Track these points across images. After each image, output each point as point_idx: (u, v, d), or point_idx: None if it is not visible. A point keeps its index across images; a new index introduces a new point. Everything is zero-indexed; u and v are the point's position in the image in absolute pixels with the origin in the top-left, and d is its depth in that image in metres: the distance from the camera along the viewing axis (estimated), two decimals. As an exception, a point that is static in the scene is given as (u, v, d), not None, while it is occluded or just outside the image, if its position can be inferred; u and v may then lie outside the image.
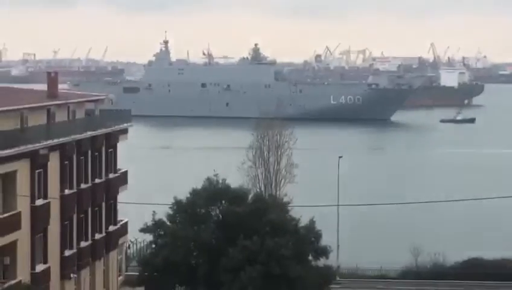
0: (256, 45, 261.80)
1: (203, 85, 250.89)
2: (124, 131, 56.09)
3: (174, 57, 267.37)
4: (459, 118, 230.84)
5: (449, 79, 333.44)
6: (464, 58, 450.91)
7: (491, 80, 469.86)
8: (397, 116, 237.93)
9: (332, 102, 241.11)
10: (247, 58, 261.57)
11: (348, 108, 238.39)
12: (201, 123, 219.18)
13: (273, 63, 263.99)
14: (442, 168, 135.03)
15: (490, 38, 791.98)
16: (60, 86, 53.08)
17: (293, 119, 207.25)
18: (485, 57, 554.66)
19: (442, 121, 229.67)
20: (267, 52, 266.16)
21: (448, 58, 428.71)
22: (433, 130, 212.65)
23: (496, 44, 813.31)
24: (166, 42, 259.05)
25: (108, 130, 52.62)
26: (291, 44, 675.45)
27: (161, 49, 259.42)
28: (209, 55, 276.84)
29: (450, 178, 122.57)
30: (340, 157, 70.05)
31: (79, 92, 64.08)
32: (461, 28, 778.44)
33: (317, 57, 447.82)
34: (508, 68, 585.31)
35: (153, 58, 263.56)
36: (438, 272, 63.77)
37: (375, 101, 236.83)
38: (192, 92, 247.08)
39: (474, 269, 62.52)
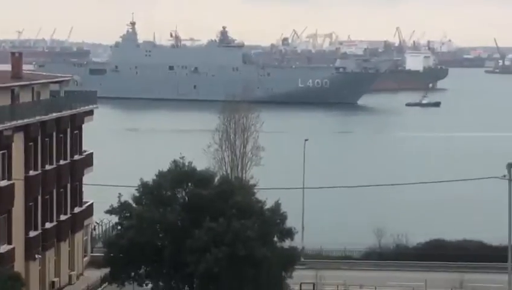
0: (224, 27, 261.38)
1: (171, 67, 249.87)
2: (90, 113, 55.90)
3: (141, 39, 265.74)
4: (424, 101, 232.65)
5: (414, 63, 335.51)
6: (429, 42, 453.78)
7: (456, 64, 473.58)
8: (364, 100, 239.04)
9: (300, 85, 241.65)
10: (215, 40, 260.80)
11: (315, 91, 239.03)
12: (169, 105, 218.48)
13: (241, 46, 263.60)
14: (407, 152, 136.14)
15: (455, 22, 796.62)
16: (25, 67, 52.75)
17: (261, 102, 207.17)
18: (449, 40, 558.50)
19: (408, 104, 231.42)
20: (235, 35, 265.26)
21: (414, 42, 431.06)
22: (399, 113, 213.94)
23: (461, 29, 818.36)
24: (133, 24, 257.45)
25: (74, 111, 52.40)
26: (259, 27, 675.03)
27: (128, 31, 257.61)
28: (177, 38, 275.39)
29: (413, 161, 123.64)
30: (305, 140, 70.39)
31: (44, 73, 63.66)
32: (427, 12, 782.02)
33: (284, 40, 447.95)
34: (472, 52, 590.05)
35: (120, 40, 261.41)
36: (401, 253, 64.60)
37: (342, 84, 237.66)
38: (160, 75, 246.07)
39: (436, 250, 63.42)
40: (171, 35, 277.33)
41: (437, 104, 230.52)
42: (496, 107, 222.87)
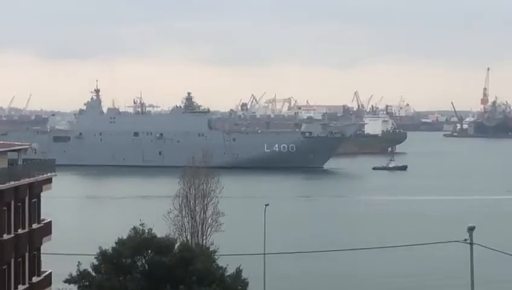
0: (189, 93, 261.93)
1: (136, 134, 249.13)
2: (48, 181, 55.39)
3: (104, 106, 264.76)
4: (391, 165, 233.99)
5: (373, 127, 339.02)
6: (387, 106, 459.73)
7: (414, 127, 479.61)
8: (329, 164, 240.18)
9: (266, 150, 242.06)
10: (180, 106, 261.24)
11: (281, 156, 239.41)
12: (134, 172, 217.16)
13: (206, 111, 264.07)
14: (372, 215, 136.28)
15: (413, 87, 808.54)
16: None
17: (227, 168, 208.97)
18: (407, 105, 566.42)
19: (375, 168, 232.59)
20: (199, 101, 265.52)
21: (372, 106, 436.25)
22: (365, 177, 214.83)
23: (419, 93, 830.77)
24: (97, 91, 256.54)
25: (32, 179, 51.91)
26: (218, 93, 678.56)
27: (92, 98, 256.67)
28: (142, 104, 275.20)
29: (378, 225, 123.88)
30: (266, 205, 70.23)
31: (1, 142, 63.11)
32: (384, 77, 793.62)
33: (243, 105, 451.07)
34: (430, 116, 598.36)
35: (84, 107, 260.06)
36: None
37: (308, 149, 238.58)
38: (125, 141, 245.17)
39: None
40: (134, 102, 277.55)
41: (404, 168, 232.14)
42: (459, 170, 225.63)
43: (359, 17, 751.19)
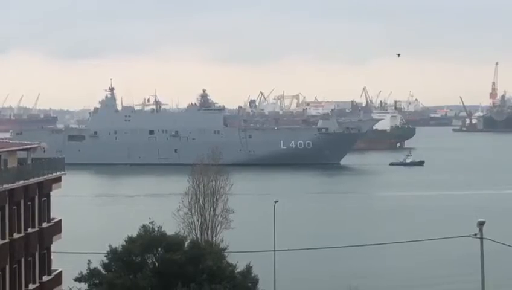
0: (204, 90, 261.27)
1: (151, 132, 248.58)
2: (58, 179, 55.46)
3: (119, 104, 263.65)
4: (408, 160, 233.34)
5: (381, 123, 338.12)
6: (395, 101, 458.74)
7: (423, 123, 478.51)
8: (344, 160, 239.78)
9: (282, 147, 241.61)
10: (195, 104, 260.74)
11: (298, 153, 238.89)
12: (149, 170, 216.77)
13: (221, 109, 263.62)
14: (389, 211, 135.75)
15: (422, 82, 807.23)
16: (3, 135, 52.45)
17: (242, 164, 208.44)
18: (416, 100, 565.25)
19: (392, 164, 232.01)
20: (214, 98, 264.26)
21: (381, 102, 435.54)
22: (385, 173, 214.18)
23: (428, 88, 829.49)
24: (112, 89, 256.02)
25: (41, 179, 51.97)
26: (226, 90, 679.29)
27: (107, 96, 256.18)
28: (157, 102, 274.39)
29: (393, 220, 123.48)
30: (275, 201, 70.14)
31: (11, 141, 63.20)
32: (393, 72, 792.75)
33: (252, 102, 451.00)
34: (439, 111, 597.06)
35: (99, 106, 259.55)
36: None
37: (325, 145, 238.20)
38: (140, 139, 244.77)
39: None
40: (148, 100, 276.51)
41: (421, 163, 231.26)
42: (475, 164, 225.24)
43: (368, 13, 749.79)
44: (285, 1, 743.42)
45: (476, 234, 45.44)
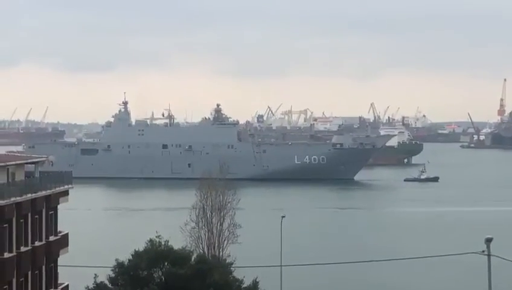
0: (218, 105, 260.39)
1: (164, 146, 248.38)
2: (65, 193, 55.53)
3: (132, 118, 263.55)
4: (423, 177, 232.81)
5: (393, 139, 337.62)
6: (403, 117, 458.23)
7: (430, 139, 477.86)
8: (358, 176, 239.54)
9: (296, 162, 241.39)
10: (208, 118, 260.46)
11: (312, 168, 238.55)
12: (162, 184, 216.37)
13: (235, 123, 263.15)
14: (400, 226, 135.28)
15: (430, 98, 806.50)
16: (15, 148, 52.60)
17: (256, 179, 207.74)
18: (424, 116, 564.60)
19: (407, 179, 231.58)
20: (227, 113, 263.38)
21: (388, 118, 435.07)
22: (400, 188, 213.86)
23: (435, 104, 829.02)
24: (125, 103, 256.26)
25: (49, 192, 52.03)
26: (234, 104, 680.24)
27: (120, 110, 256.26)
28: (170, 116, 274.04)
29: (405, 235, 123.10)
30: (283, 216, 70.05)
31: (18, 154, 63.35)
32: (401, 88, 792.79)
33: (259, 117, 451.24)
34: (447, 127, 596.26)
35: (112, 119, 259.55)
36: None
37: (339, 160, 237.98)
38: (153, 153, 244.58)
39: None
40: (163, 115, 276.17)
41: (435, 179, 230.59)
42: (489, 180, 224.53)
43: (376, 28, 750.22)
44: (294, 16, 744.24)
45: (483, 251, 45.30)
